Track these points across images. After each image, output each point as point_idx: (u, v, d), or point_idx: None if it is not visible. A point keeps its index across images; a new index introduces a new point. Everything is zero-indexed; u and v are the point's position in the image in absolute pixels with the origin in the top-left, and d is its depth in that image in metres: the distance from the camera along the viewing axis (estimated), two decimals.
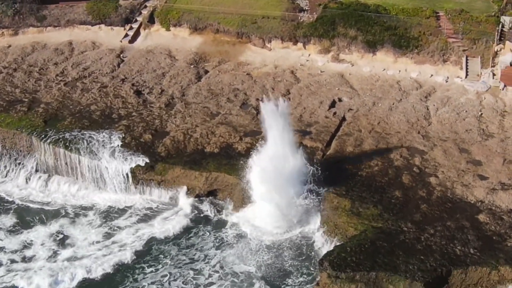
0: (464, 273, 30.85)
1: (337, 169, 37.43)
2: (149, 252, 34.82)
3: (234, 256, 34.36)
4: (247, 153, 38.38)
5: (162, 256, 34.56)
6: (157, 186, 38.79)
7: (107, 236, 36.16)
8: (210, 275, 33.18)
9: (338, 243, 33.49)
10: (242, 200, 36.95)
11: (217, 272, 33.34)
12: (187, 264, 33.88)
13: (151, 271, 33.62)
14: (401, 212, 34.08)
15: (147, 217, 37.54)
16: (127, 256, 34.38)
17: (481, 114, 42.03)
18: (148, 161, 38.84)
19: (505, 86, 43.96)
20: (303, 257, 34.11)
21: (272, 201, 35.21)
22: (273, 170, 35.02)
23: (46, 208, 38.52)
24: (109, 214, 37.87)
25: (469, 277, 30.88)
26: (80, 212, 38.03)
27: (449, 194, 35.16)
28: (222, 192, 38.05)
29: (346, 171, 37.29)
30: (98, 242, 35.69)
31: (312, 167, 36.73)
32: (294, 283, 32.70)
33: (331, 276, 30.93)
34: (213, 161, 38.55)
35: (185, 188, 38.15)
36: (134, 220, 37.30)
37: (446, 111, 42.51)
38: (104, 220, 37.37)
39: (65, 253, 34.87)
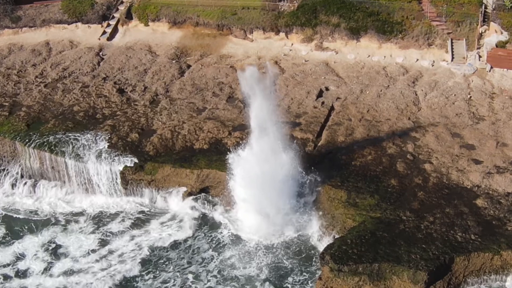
0: (466, 259, 30.58)
1: (330, 160, 36.89)
2: (149, 262, 33.52)
3: (232, 258, 33.46)
4: (237, 148, 37.79)
5: (163, 264, 33.34)
6: (147, 187, 37.97)
7: (102, 243, 34.94)
8: (208, 280, 32.20)
9: (337, 236, 33.19)
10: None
11: (216, 277, 32.37)
12: (185, 269, 32.91)
13: (152, 281, 32.51)
14: (399, 201, 33.66)
15: (141, 221, 36.40)
16: (128, 268, 33.04)
17: (470, 97, 41.79)
18: (137, 161, 37.88)
19: (491, 67, 43.76)
20: (303, 254, 33.42)
21: (258, 213, 34.68)
22: (258, 176, 34.09)
23: (35, 216, 37.25)
24: (101, 220, 36.72)
25: (472, 263, 30.63)
26: (71, 219, 36.87)
27: (445, 180, 34.84)
28: (214, 189, 37.19)
29: (340, 162, 36.73)
30: (93, 251, 34.41)
31: (308, 176, 35.76)
32: (295, 281, 32.03)
33: (334, 269, 30.39)
34: (203, 158, 37.74)
35: (177, 188, 37.26)
36: (127, 225, 36.17)
37: (435, 95, 42.19)
38: (96, 227, 36.20)
39: (61, 265, 33.53)
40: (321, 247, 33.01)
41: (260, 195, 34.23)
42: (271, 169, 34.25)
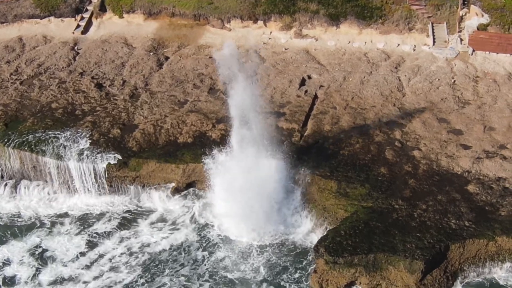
0: (461, 246, 30.38)
1: (317, 150, 36.33)
2: (142, 266, 32.30)
3: (225, 260, 32.55)
4: (222, 141, 37.05)
5: (156, 268, 32.13)
6: (132, 184, 37.05)
7: (90, 246, 33.69)
8: (201, 284, 31.18)
9: (329, 227, 32.74)
10: None
11: (208, 280, 31.35)
12: (179, 271, 31.76)
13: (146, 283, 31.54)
14: (390, 190, 33.28)
15: (128, 222, 35.28)
16: (121, 277, 31.75)
17: (454, 81, 41.58)
18: (120, 157, 36.92)
19: (473, 51, 43.58)
20: (297, 249, 32.77)
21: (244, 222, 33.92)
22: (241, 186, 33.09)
23: (18, 219, 35.85)
24: (87, 221, 35.51)
25: (467, 250, 30.43)
26: (56, 221, 35.59)
27: (435, 167, 34.57)
28: (201, 183, 36.40)
29: (327, 151, 36.18)
30: (82, 254, 33.13)
31: (299, 188, 34.78)
32: (290, 280, 31.36)
33: (329, 262, 29.98)
34: (188, 152, 36.88)
35: (163, 185, 36.47)
36: (115, 225, 35.05)
37: (419, 80, 41.89)
38: (82, 228, 34.99)
39: (48, 272, 32.11)
40: (314, 239, 32.72)
41: (244, 207, 33.26)
42: (257, 178, 33.39)
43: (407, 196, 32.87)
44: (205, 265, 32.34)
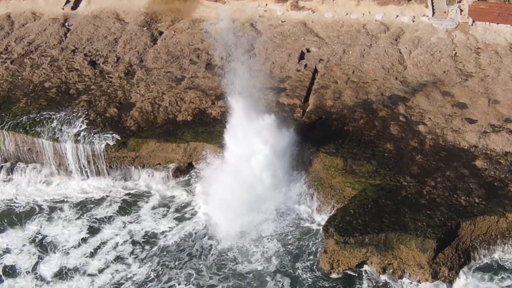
0: (472, 224, 30.06)
1: (321, 126, 35.60)
2: (147, 256, 31.34)
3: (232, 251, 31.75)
4: (223, 118, 36.24)
5: (161, 257, 31.23)
6: (132, 164, 36.21)
7: (92, 232, 32.78)
8: (211, 277, 30.31)
9: (337, 206, 32.21)
10: None
11: (218, 274, 30.42)
12: (186, 262, 30.88)
13: (155, 277, 30.42)
14: (397, 166, 32.77)
15: (129, 206, 34.35)
16: (127, 268, 30.84)
17: (455, 53, 40.90)
18: (119, 137, 36.04)
19: (473, 21, 42.87)
20: (304, 229, 32.25)
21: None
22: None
23: (15, 204, 34.82)
24: (86, 205, 34.54)
25: (478, 227, 30.12)
26: (54, 206, 34.62)
27: (441, 142, 34.06)
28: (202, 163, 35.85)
29: (331, 127, 35.51)
30: (84, 241, 32.23)
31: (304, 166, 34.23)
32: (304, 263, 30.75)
33: (339, 242, 29.60)
34: (189, 130, 36.04)
35: (163, 167, 35.75)
36: (115, 209, 34.13)
37: (420, 53, 41.16)
38: (82, 213, 34.01)
39: (52, 262, 31.14)
40: (321, 219, 32.28)
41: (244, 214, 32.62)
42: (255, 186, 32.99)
43: (415, 172, 32.38)
44: (212, 255, 31.36)
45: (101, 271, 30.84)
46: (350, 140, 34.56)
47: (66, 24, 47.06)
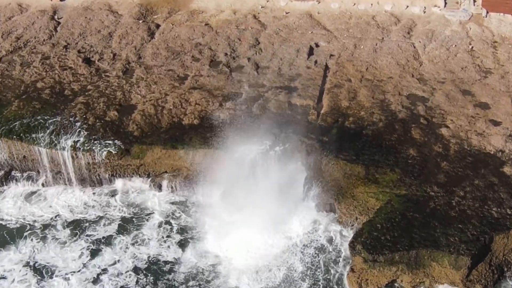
0: (506, 237, 28.22)
1: (338, 129, 33.49)
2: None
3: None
4: (232, 121, 34.14)
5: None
6: (135, 173, 34.09)
7: (93, 254, 30.15)
8: None
9: (359, 217, 30.35)
10: None
11: None
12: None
13: None
14: (423, 174, 30.82)
15: (133, 225, 31.95)
16: None
17: (472, 47, 38.96)
18: (121, 144, 33.74)
19: (487, 12, 40.90)
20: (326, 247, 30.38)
21: None
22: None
23: (5, 222, 32.15)
24: (84, 223, 32.01)
25: (511, 240, 28.58)
26: (48, 223, 32.02)
27: (466, 147, 32.17)
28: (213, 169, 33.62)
29: (349, 131, 33.37)
30: (85, 267, 29.59)
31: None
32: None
33: (368, 260, 27.76)
34: (197, 136, 33.62)
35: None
36: (116, 230, 31.58)
37: (435, 47, 39.13)
38: (80, 232, 31.52)
39: None
40: (344, 233, 30.43)
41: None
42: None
43: (442, 181, 30.51)
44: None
45: None
46: (370, 146, 32.49)
47: (56, 16, 44.00)
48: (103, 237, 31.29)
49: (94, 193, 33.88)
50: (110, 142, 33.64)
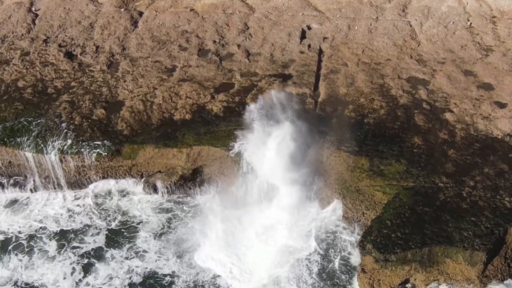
0: None
1: (337, 118, 32.07)
2: None
3: None
4: (226, 115, 32.54)
5: None
6: (127, 174, 32.47)
7: (85, 270, 28.55)
8: None
9: (366, 212, 29.05)
10: None
11: None
12: None
13: None
14: (430, 164, 29.48)
15: (126, 236, 30.22)
16: None
17: (470, 23, 37.44)
18: (110, 144, 31.99)
19: None
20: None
21: None
22: None
23: None
24: (74, 233, 30.39)
25: None
26: (33, 234, 30.35)
27: (472, 132, 30.85)
28: (209, 167, 32.06)
29: (350, 120, 31.83)
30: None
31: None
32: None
33: (379, 260, 26.53)
34: (190, 132, 31.96)
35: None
36: (109, 241, 29.90)
37: (432, 25, 37.55)
38: (69, 243, 29.83)
39: None
40: (351, 230, 29.14)
41: None
42: None
43: (451, 171, 29.19)
44: None
45: None
46: (373, 135, 31.01)
47: (33, 8, 41.50)
48: (92, 249, 29.77)
49: (79, 197, 32.39)
50: (99, 143, 31.95)
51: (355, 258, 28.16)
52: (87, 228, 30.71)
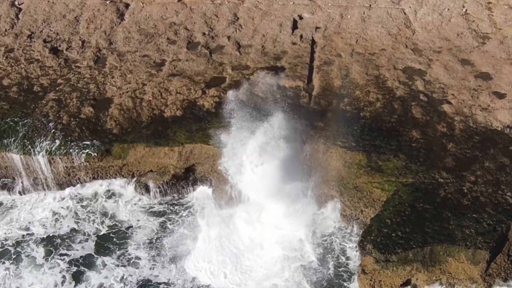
0: None
1: (333, 113, 31.24)
2: None
3: None
4: (218, 110, 31.62)
5: None
6: (118, 174, 31.60)
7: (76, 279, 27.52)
8: None
9: (364, 209, 28.38)
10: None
11: None
12: None
13: None
14: (429, 159, 28.72)
15: (117, 239, 29.35)
16: None
17: (466, 10, 36.58)
18: (100, 144, 31.05)
19: None
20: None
21: None
22: None
23: None
24: (64, 241, 29.27)
25: None
26: (21, 240, 29.32)
27: (471, 124, 30.13)
28: (202, 166, 31.22)
29: (346, 114, 31.03)
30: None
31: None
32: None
33: (380, 260, 25.89)
34: (181, 129, 31.04)
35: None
36: (99, 247, 28.85)
37: (426, 12, 36.64)
38: (58, 249, 28.80)
39: None
40: (350, 229, 28.50)
41: None
42: None
43: (450, 166, 28.49)
44: None
45: None
46: (369, 129, 30.20)
47: (16, 2, 40.14)
48: (81, 256, 28.77)
49: (69, 199, 31.48)
50: (88, 142, 30.98)
51: (354, 260, 27.69)
52: (74, 233, 29.91)
